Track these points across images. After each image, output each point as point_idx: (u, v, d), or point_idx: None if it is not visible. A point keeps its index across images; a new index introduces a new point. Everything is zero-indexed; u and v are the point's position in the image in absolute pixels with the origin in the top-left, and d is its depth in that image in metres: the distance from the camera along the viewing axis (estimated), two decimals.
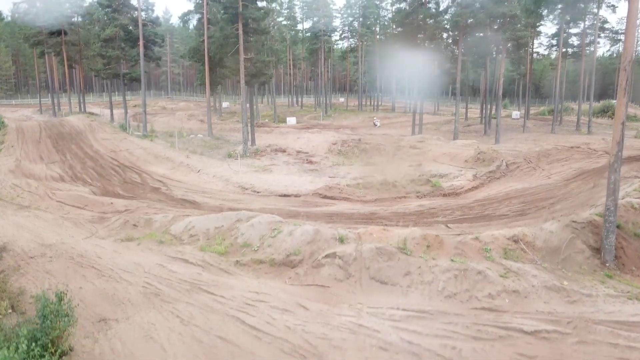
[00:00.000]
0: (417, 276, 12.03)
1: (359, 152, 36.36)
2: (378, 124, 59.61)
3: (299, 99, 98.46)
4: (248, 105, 39.53)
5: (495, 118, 62.69)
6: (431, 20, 44.02)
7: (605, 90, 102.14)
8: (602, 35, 52.13)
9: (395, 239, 13.51)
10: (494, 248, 13.17)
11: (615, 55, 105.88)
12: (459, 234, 14.50)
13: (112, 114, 52.95)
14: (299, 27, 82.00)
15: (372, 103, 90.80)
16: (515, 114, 64.34)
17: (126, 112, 50.77)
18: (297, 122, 57.09)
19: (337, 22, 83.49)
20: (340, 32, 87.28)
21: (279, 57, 55.44)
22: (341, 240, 13.56)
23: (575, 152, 35.25)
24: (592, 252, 13.39)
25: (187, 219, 16.56)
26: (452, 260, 12.41)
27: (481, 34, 42.79)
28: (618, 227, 14.07)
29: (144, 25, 44.19)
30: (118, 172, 30.85)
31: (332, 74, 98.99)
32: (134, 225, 17.55)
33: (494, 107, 53.00)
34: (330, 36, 78.72)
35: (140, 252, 14.78)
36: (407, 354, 9.15)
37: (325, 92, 79.05)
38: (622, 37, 59.38)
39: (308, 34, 79.14)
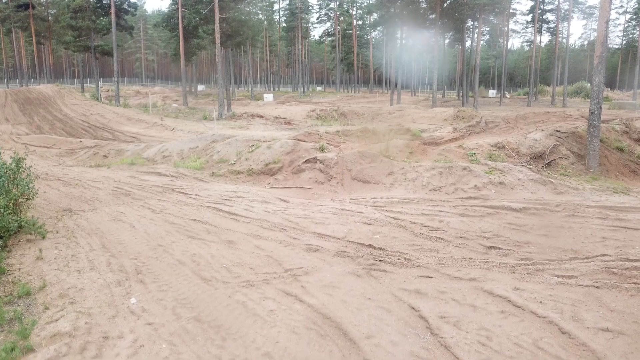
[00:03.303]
0: (400, 175, 11.61)
1: (337, 116, 35.83)
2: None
3: (276, 88, 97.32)
4: (226, 88, 38.63)
5: (472, 97, 63.14)
6: None
7: (578, 78, 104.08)
8: (576, 9, 52.77)
9: (377, 149, 13.07)
10: (479, 153, 12.85)
11: (586, 43, 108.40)
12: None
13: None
14: (275, 7, 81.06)
15: (350, 90, 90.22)
16: (492, 92, 64.82)
17: (98, 88, 49.25)
18: (275, 100, 56.18)
19: (313, 0, 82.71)
20: (317, 14, 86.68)
21: (255, 32, 54.31)
22: (322, 149, 13.07)
23: (552, 116, 35.18)
24: (576, 159, 13.17)
25: (160, 145, 15.86)
26: (435, 161, 12.01)
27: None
28: (602, 141, 13.92)
29: None
30: (89, 131, 29.69)
31: (308, 60, 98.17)
32: (104, 156, 16.75)
33: (469, 92, 53.28)
34: (306, 14, 77.86)
35: (110, 172, 14.02)
36: (392, 226, 8.70)
37: (302, 75, 78.25)
38: (595, 11, 60.44)
39: (285, 12, 78.15)
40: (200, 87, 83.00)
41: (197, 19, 37.92)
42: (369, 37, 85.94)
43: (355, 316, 5.36)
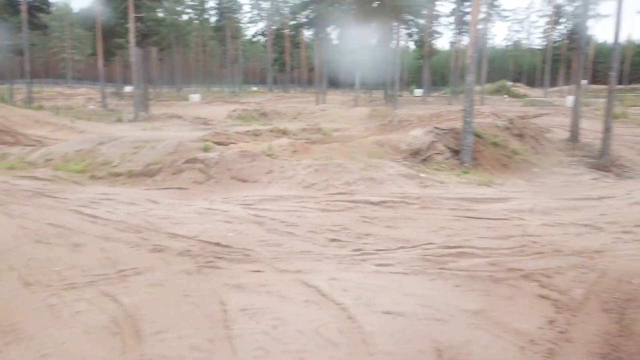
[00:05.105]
0: (279, 173, 11.81)
1: (258, 115, 35.83)
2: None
3: (210, 88, 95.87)
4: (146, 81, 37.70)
5: (400, 96, 64.80)
6: None
7: (502, 76, 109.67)
8: (492, 12, 55.43)
9: (260, 148, 13.22)
10: (359, 151, 13.26)
11: (509, 45, 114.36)
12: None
13: None
14: (206, 5, 79.88)
15: (285, 90, 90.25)
16: (418, 91, 66.81)
17: (10, 89, 46.66)
18: (201, 100, 55.35)
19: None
20: (250, 14, 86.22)
21: (181, 31, 53.54)
22: (206, 149, 13.05)
23: None
24: (452, 154, 13.87)
25: (45, 148, 15.31)
26: (315, 159, 12.30)
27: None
28: (479, 136, 14.73)
29: None
30: None
31: (243, 60, 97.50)
32: None
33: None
34: (236, 14, 77.27)
35: None
36: (250, 223, 8.85)
37: (233, 75, 77.65)
38: (510, 14, 63.73)
39: (215, 12, 77.29)
40: (128, 88, 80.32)
41: (115, 17, 36.76)
42: (301, 38, 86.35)
43: (159, 313, 5.42)
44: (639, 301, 5.52)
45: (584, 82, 61.32)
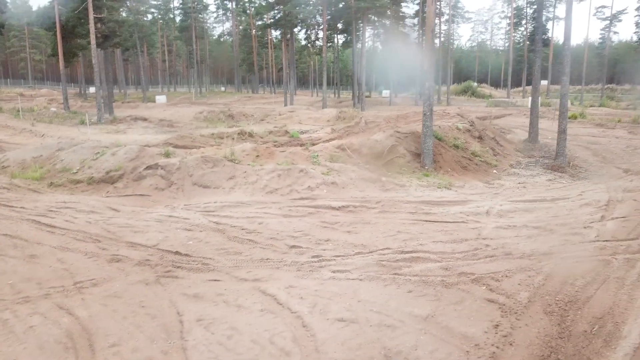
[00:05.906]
0: (242, 179, 11.83)
1: (225, 117, 35.59)
2: None
3: (176, 89, 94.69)
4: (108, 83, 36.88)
5: (369, 97, 65.45)
6: None
7: (468, 77, 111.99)
8: (456, 13, 56.49)
9: (222, 153, 13.21)
10: (322, 155, 13.39)
11: (474, 46, 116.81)
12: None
13: None
14: (170, 5, 78.75)
15: (254, 91, 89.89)
16: (385, 92, 67.54)
17: None
18: (168, 102, 54.67)
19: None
20: (215, 14, 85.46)
21: (145, 32, 52.70)
22: (167, 155, 12.95)
23: None
24: (413, 157, 14.14)
25: (2, 154, 14.91)
26: (278, 164, 12.36)
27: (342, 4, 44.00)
28: (440, 139, 15.04)
29: None
30: None
31: (210, 60, 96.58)
32: None
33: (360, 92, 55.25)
34: (201, 14, 76.51)
35: None
36: (211, 230, 8.87)
37: (200, 76, 76.80)
38: (472, 15, 65.19)
39: (180, 12, 76.25)
40: (93, 89, 78.65)
41: (74, 17, 35.85)
42: (269, 38, 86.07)
43: (114, 325, 5.42)
44: (580, 303, 5.82)
45: (544, 82, 63.24)
